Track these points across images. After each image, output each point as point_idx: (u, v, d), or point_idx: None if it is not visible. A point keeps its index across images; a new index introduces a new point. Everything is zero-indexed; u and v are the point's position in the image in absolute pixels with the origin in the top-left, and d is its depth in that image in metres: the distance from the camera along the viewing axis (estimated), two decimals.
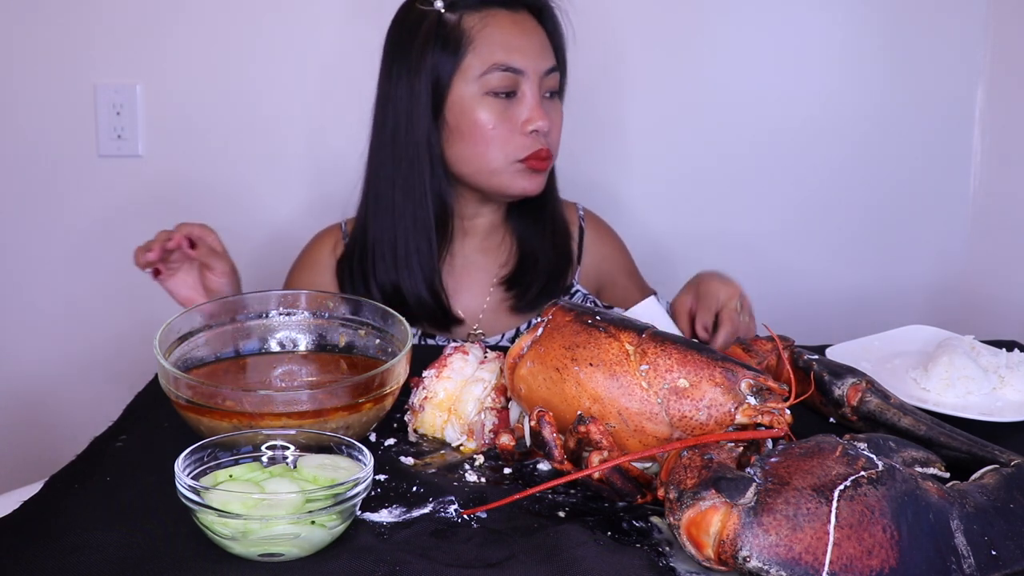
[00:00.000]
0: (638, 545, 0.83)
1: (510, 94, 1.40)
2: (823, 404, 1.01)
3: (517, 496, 0.88)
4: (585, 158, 1.89)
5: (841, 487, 0.74)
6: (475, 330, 1.49)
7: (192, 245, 1.31)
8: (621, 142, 1.95)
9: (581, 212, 1.59)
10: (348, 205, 1.52)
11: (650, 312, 1.20)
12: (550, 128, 1.43)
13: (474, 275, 1.53)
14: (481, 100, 1.40)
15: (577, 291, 1.54)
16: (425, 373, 1.06)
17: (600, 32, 1.88)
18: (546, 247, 1.51)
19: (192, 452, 0.85)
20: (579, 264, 1.56)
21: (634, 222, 1.86)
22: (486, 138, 1.40)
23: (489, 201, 1.49)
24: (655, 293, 1.55)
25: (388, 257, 1.45)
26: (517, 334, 1.50)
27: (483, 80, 1.39)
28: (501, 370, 1.06)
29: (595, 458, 0.87)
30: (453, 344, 1.09)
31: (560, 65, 1.47)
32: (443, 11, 1.41)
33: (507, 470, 0.98)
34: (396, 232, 1.44)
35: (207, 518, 0.79)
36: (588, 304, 1.54)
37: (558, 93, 1.47)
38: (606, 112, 1.94)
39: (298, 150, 1.94)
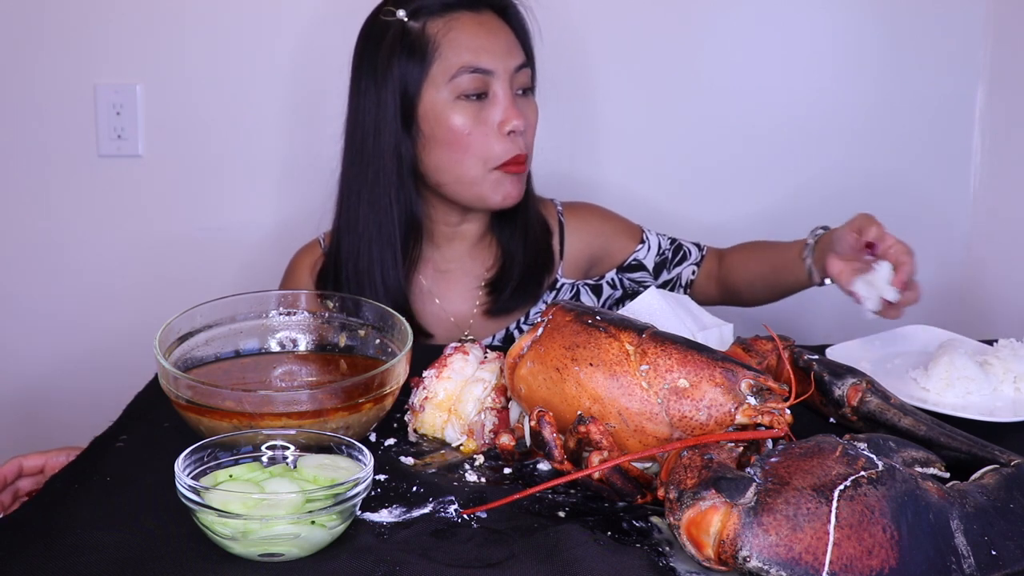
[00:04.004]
0: (638, 545, 0.83)
1: (481, 96, 1.40)
2: (823, 404, 1.01)
3: (517, 496, 0.88)
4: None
5: (841, 487, 0.74)
6: (465, 335, 1.49)
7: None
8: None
9: (559, 207, 1.59)
10: (326, 215, 1.53)
11: (651, 304, 1.20)
12: (526, 127, 1.42)
13: (462, 280, 1.53)
14: (453, 105, 1.39)
15: (563, 284, 1.55)
16: (425, 373, 1.06)
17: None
18: (523, 249, 1.51)
19: (192, 452, 0.85)
20: (562, 259, 1.56)
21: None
22: (463, 143, 1.40)
23: (472, 211, 1.49)
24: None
25: (352, 272, 1.45)
26: (507, 336, 1.50)
27: (453, 84, 1.39)
28: (501, 370, 1.06)
29: (595, 458, 0.87)
30: (453, 344, 1.09)
31: (530, 61, 1.47)
32: (406, 19, 1.41)
33: (507, 470, 0.98)
34: (360, 246, 1.45)
35: (207, 518, 0.79)
36: (576, 293, 1.55)
37: (531, 90, 1.47)
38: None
39: (298, 150, 1.93)
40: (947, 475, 0.86)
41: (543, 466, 0.98)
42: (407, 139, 1.42)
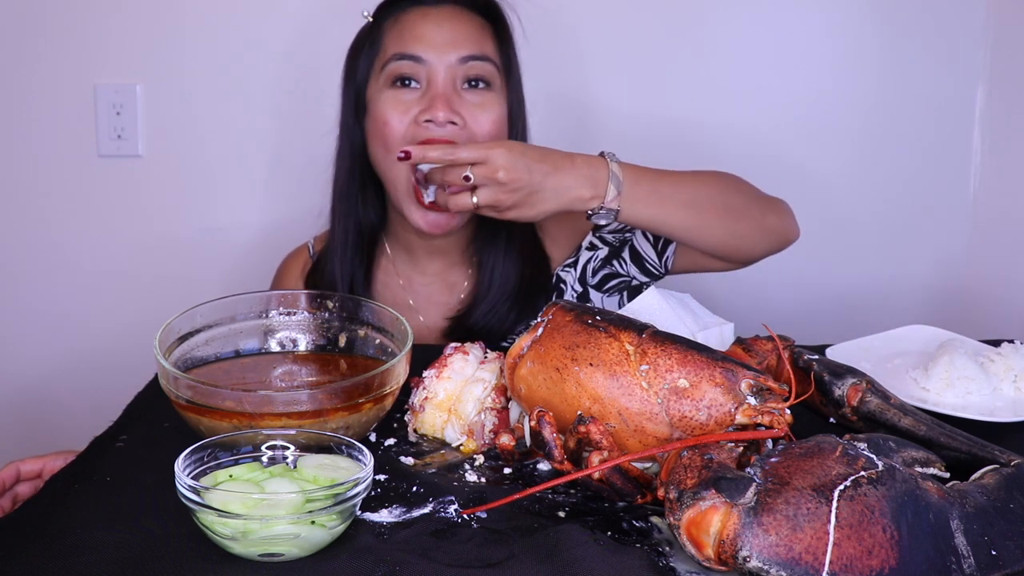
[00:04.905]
0: (638, 545, 0.83)
1: (408, 82, 1.35)
2: (823, 404, 1.01)
3: (517, 496, 0.88)
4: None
5: (841, 487, 0.74)
6: None
7: None
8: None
9: None
10: (321, 216, 1.53)
11: (651, 304, 1.20)
12: (462, 122, 1.33)
13: (437, 300, 1.50)
14: (383, 93, 1.37)
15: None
16: (425, 373, 1.06)
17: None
18: (490, 280, 1.44)
19: (192, 452, 0.85)
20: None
21: None
22: (384, 136, 1.35)
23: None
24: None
25: (320, 271, 1.46)
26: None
27: (384, 72, 1.37)
28: (501, 370, 1.05)
29: (595, 458, 0.87)
30: (453, 344, 1.09)
31: (501, 58, 1.41)
32: (370, 20, 1.43)
33: (507, 470, 0.98)
34: (329, 247, 1.46)
35: (207, 518, 0.79)
36: (556, 283, 1.51)
37: (490, 86, 1.38)
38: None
39: (298, 150, 1.93)
40: (947, 475, 0.86)
41: (543, 466, 0.98)
42: (359, 138, 1.42)
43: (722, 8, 1.92)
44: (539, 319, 1.01)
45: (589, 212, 1.28)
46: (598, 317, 0.97)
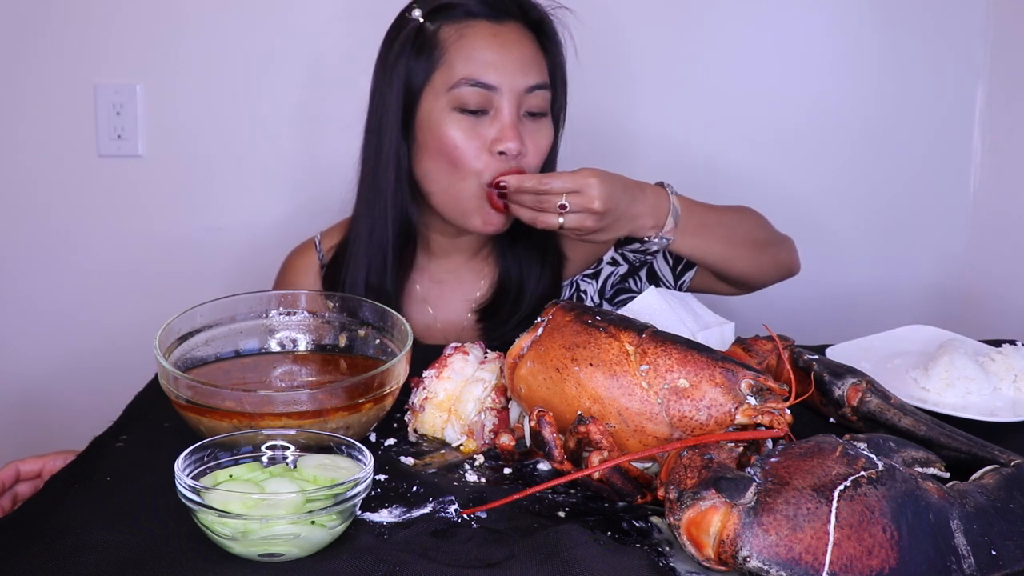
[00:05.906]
0: (638, 545, 0.83)
1: (480, 112, 1.32)
2: (823, 404, 1.01)
3: (517, 496, 0.88)
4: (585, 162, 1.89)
5: (841, 487, 0.74)
6: None
7: None
8: (622, 149, 1.95)
9: None
10: (325, 215, 1.52)
11: (651, 304, 1.20)
12: (526, 151, 1.34)
13: (456, 292, 1.49)
14: (449, 116, 1.33)
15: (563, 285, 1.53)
16: (425, 373, 1.06)
17: (603, 41, 1.87)
18: (532, 276, 1.45)
19: (192, 452, 0.85)
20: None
21: None
22: (451, 157, 1.33)
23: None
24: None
25: (344, 267, 1.43)
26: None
27: (452, 95, 1.32)
28: (501, 370, 1.06)
29: (595, 458, 0.87)
30: (453, 344, 1.09)
31: (555, 83, 1.40)
32: (422, 20, 1.36)
33: (507, 470, 0.98)
34: (352, 245, 1.43)
35: (207, 518, 0.79)
36: (575, 289, 1.51)
37: (546, 114, 1.38)
38: (609, 121, 1.93)
39: (298, 150, 1.94)
40: (947, 475, 0.86)
41: (543, 466, 0.98)
42: (404, 143, 1.38)
43: (721, 9, 1.92)
44: (539, 319, 1.01)
45: (644, 238, 1.32)
46: (598, 317, 0.97)
